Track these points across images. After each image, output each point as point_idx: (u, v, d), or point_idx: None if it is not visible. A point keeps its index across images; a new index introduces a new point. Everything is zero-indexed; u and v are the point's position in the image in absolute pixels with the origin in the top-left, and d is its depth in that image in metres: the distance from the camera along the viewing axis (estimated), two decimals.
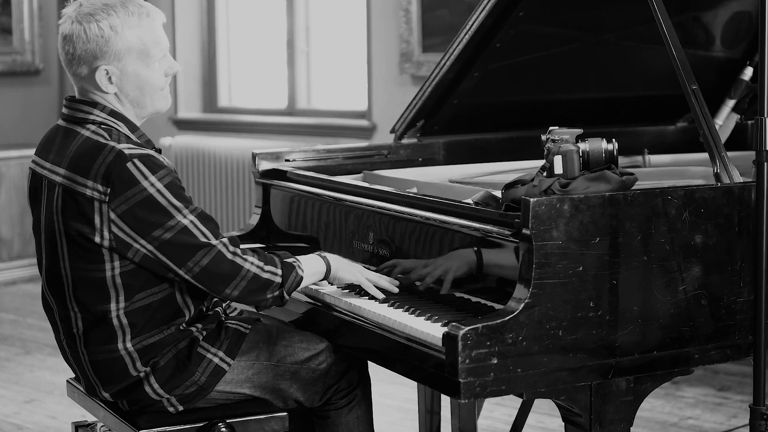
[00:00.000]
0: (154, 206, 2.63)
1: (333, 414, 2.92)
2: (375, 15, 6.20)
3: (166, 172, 2.65)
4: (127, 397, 2.78)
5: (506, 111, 3.71)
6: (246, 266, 2.69)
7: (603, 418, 2.56)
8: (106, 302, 2.70)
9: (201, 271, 2.66)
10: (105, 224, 2.64)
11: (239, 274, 2.68)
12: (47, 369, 5.27)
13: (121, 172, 2.62)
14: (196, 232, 2.65)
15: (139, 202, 2.62)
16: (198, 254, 2.65)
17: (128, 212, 2.62)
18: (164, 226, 2.63)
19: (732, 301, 2.64)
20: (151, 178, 2.63)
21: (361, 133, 6.32)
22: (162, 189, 2.63)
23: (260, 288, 2.71)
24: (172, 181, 2.66)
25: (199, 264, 2.66)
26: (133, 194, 2.62)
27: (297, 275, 2.76)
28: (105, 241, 2.65)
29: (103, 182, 2.63)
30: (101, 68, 2.71)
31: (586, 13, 3.39)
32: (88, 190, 2.65)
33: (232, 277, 2.68)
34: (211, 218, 2.71)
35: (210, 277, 2.67)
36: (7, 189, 7.08)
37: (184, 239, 2.64)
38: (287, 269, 2.74)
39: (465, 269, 2.71)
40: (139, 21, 2.71)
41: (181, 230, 2.64)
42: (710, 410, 4.54)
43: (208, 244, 2.66)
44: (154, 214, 2.63)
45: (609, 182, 2.58)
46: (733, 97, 3.68)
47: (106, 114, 2.73)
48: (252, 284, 2.69)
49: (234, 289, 2.69)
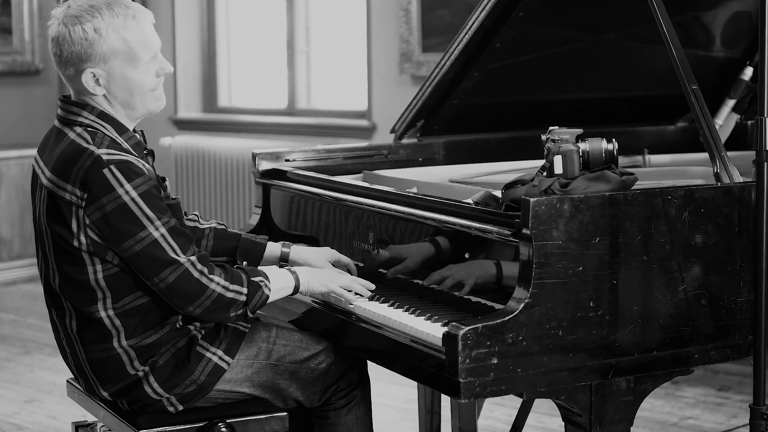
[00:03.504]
0: (126, 215, 2.62)
1: (332, 414, 2.91)
2: (375, 15, 6.20)
3: (142, 180, 2.64)
4: (127, 396, 2.78)
5: (506, 111, 3.71)
6: (211, 286, 2.67)
7: (603, 418, 2.56)
8: (94, 303, 2.71)
9: (166, 287, 2.66)
10: (81, 229, 2.65)
11: (204, 294, 2.67)
12: (47, 369, 5.27)
13: (97, 177, 2.62)
14: (166, 247, 2.64)
15: (112, 210, 2.61)
16: (165, 271, 2.65)
17: (102, 219, 2.62)
18: (135, 237, 2.63)
19: (732, 301, 2.64)
20: (126, 185, 2.62)
21: (361, 133, 6.31)
22: (136, 198, 2.62)
23: (224, 307, 2.70)
24: (148, 189, 2.64)
25: (165, 280, 2.65)
26: (107, 201, 2.62)
27: (263, 294, 2.74)
28: (83, 245, 2.66)
29: (80, 187, 2.63)
30: (87, 71, 2.70)
31: (586, 13, 3.39)
32: (67, 194, 2.65)
33: (196, 296, 2.67)
34: (184, 232, 2.70)
35: (175, 293, 2.66)
36: (7, 189, 7.08)
37: (153, 253, 2.64)
38: (253, 288, 2.73)
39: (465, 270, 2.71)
40: (125, 23, 2.69)
41: (151, 243, 2.63)
42: (710, 410, 4.54)
43: (175, 261, 2.65)
44: (126, 223, 2.62)
45: (609, 182, 2.58)
46: (733, 97, 3.68)
47: (95, 116, 2.73)
48: (216, 304, 2.69)
49: (197, 307, 2.68)
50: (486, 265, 2.65)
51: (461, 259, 2.72)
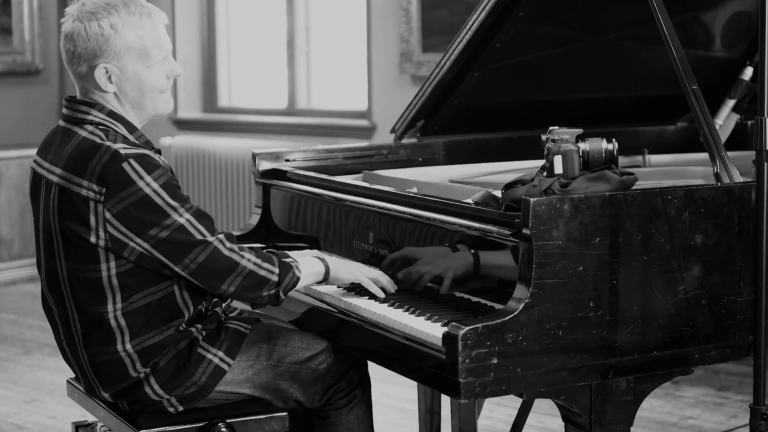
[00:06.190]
0: (150, 206, 2.62)
1: (333, 414, 2.92)
2: (375, 15, 6.20)
3: (161, 172, 2.65)
4: (127, 397, 2.78)
5: (506, 111, 3.71)
6: (243, 262, 2.69)
7: (603, 418, 2.56)
8: (103, 303, 2.70)
9: (197, 267, 2.66)
10: (100, 224, 2.64)
11: (235, 270, 2.68)
12: (47, 369, 5.27)
13: (116, 172, 2.62)
14: (192, 230, 2.65)
15: (134, 202, 2.62)
16: (194, 251, 2.65)
17: (124, 212, 2.62)
18: (160, 225, 2.63)
19: (732, 301, 2.64)
20: (146, 177, 2.63)
21: (361, 133, 6.32)
22: (158, 189, 2.63)
23: (256, 285, 2.71)
24: (168, 180, 2.65)
25: (196, 261, 2.66)
26: (128, 194, 2.62)
27: (294, 275, 2.75)
28: (101, 241, 2.65)
29: (98, 182, 2.63)
30: (100, 66, 2.71)
31: (586, 13, 3.39)
32: (83, 190, 2.65)
33: (228, 273, 2.68)
34: (207, 215, 2.71)
35: (206, 273, 2.67)
36: (7, 189, 7.08)
37: (181, 237, 2.64)
38: (285, 268, 2.74)
39: (465, 269, 2.71)
40: (140, 21, 2.71)
41: (178, 228, 2.64)
42: (710, 410, 4.54)
43: (204, 241, 2.66)
44: (150, 213, 2.62)
45: (609, 182, 2.58)
46: (733, 97, 3.68)
47: (105, 114, 2.73)
48: (248, 281, 2.69)
49: (230, 285, 2.69)
50: (485, 264, 2.65)
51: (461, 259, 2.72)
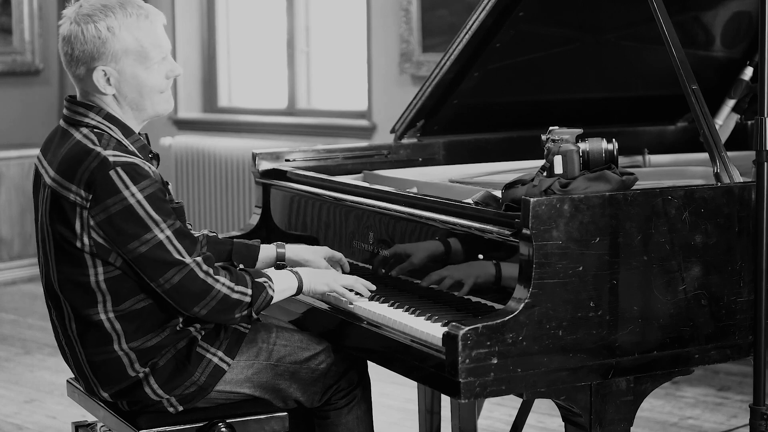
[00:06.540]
0: (132, 217, 2.62)
1: (333, 414, 2.91)
2: (375, 15, 6.20)
3: (148, 183, 2.64)
4: (127, 397, 2.78)
5: (506, 111, 3.71)
6: (216, 287, 2.68)
7: (603, 418, 2.56)
8: (94, 306, 2.70)
9: (171, 288, 2.66)
10: (85, 230, 2.64)
11: (209, 294, 2.67)
12: (47, 369, 5.27)
13: (103, 179, 2.61)
14: (171, 248, 2.64)
15: (118, 212, 2.61)
16: (170, 271, 2.64)
17: (107, 221, 2.62)
18: (140, 239, 2.62)
19: (732, 301, 2.64)
20: (132, 187, 2.62)
21: (361, 133, 6.31)
22: (142, 200, 2.62)
23: (229, 308, 2.70)
24: (154, 192, 2.64)
25: (170, 281, 2.65)
26: (113, 203, 2.61)
27: (267, 295, 2.74)
28: (86, 247, 2.65)
29: (85, 188, 2.63)
30: (98, 69, 2.70)
31: (586, 13, 3.39)
32: (71, 195, 2.65)
33: (201, 297, 2.67)
34: (189, 234, 2.70)
35: (180, 294, 2.66)
36: (7, 189, 7.08)
37: (158, 254, 2.63)
38: (257, 289, 2.73)
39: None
40: (138, 22, 2.70)
41: (156, 245, 2.63)
42: (710, 410, 4.54)
43: (181, 262, 2.65)
44: (131, 225, 2.62)
45: (609, 182, 2.58)
46: (733, 97, 3.68)
47: (101, 117, 2.73)
48: (221, 304, 2.69)
49: (203, 308, 2.68)
50: (485, 265, 2.65)
51: (462, 259, 2.72)
